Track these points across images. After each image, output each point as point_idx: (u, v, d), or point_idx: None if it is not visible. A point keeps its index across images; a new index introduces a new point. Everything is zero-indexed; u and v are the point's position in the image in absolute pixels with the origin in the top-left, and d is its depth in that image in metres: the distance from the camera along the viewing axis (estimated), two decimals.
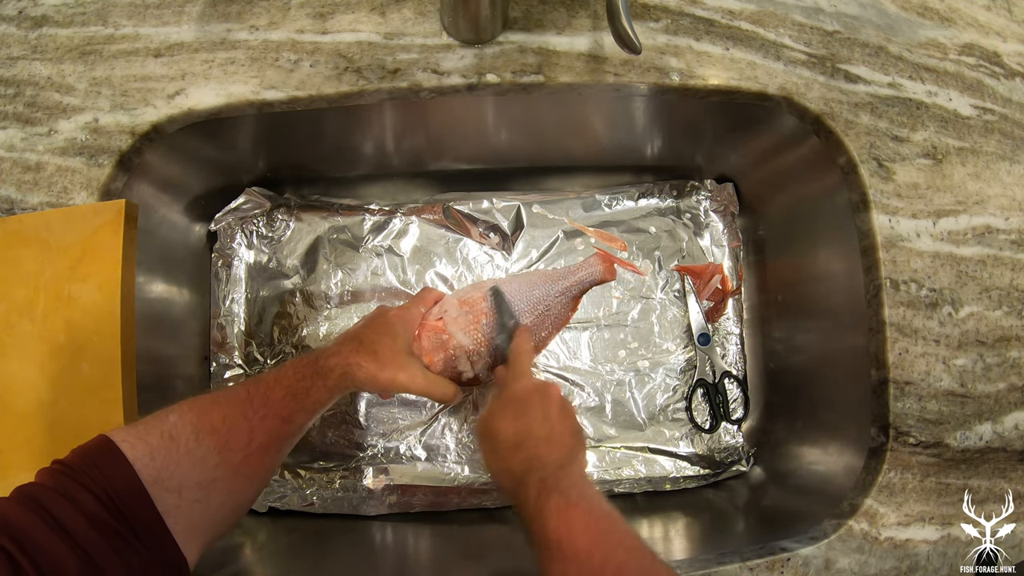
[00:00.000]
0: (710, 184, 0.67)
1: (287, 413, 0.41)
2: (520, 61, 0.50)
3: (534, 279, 0.59)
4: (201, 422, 0.36)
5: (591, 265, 0.60)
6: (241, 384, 0.42)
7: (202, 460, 0.35)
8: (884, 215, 0.50)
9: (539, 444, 0.43)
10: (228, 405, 0.39)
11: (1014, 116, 0.53)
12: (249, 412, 0.39)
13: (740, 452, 0.63)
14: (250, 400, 0.40)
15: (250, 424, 0.38)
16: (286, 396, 0.41)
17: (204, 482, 0.35)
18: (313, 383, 0.43)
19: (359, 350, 0.45)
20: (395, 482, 0.60)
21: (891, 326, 0.49)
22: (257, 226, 0.63)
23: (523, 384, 0.47)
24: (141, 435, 0.34)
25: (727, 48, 0.51)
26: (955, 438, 0.48)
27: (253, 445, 0.38)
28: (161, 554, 0.32)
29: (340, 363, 0.44)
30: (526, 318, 0.56)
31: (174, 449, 0.34)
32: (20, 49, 0.50)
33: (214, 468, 0.36)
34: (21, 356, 0.43)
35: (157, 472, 0.33)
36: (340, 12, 0.50)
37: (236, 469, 0.37)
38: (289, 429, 0.41)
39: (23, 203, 0.47)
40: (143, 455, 0.33)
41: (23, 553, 0.27)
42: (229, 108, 0.49)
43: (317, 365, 0.44)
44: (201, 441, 0.35)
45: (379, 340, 0.47)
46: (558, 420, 0.44)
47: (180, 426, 0.35)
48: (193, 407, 0.37)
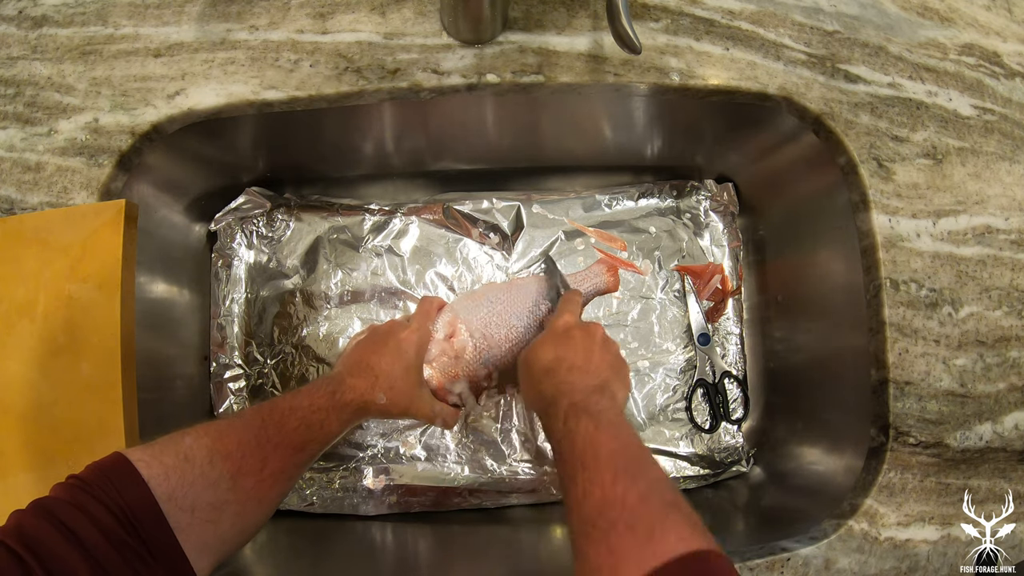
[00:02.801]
0: (710, 184, 0.67)
1: (300, 442, 0.41)
2: (520, 61, 0.50)
3: (537, 291, 0.58)
4: (216, 446, 0.37)
5: (596, 275, 0.60)
6: (255, 409, 0.42)
7: (215, 483, 0.36)
8: (884, 215, 0.50)
9: (572, 370, 0.44)
10: (243, 431, 0.39)
11: (1014, 116, 0.53)
12: (263, 439, 0.39)
13: (740, 452, 0.63)
14: (264, 428, 0.40)
15: (264, 452, 0.39)
16: (300, 426, 0.42)
17: (216, 503, 0.35)
18: (327, 416, 0.43)
19: (375, 387, 0.46)
20: (395, 482, 0.60)
21: (891, 326, 0.49)
22: (257, 226, 0.63)
23: (567, 319, 0.49)
24: (156, 455, 0.34)
25: (727, 48, 0.51)
26: (955, 438, 0.48)
27: (265, 472, 0.38)
28: (173, 569, 0.32)
29: (356, 399, 0.45)
30: (532, 334, 0.56)
31: (188, 470, 0.35)
32: (20, 49, 0.50)
33: (226, 491, 0.36)
34: (21, 356, 0.43)
35: (171, 491, 0.33)
36: (340, 12, 0.50)
37: (248, 494, 0.37)
38: (301, 458, 0.42)
39: (23, 203, 0.47)
40: (158, 474, 0.33)
41: (37, 561, 0.28)
42: (229, 108, 0.49)
43: (334, 399, 0.44)
44: (215, 465, 0.36)
45: (394, 373, 0.48)
46: (598, 352, 0.46)
47: (195, 448, 0.36)
48: (209, 431, 0.37)
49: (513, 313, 0.56)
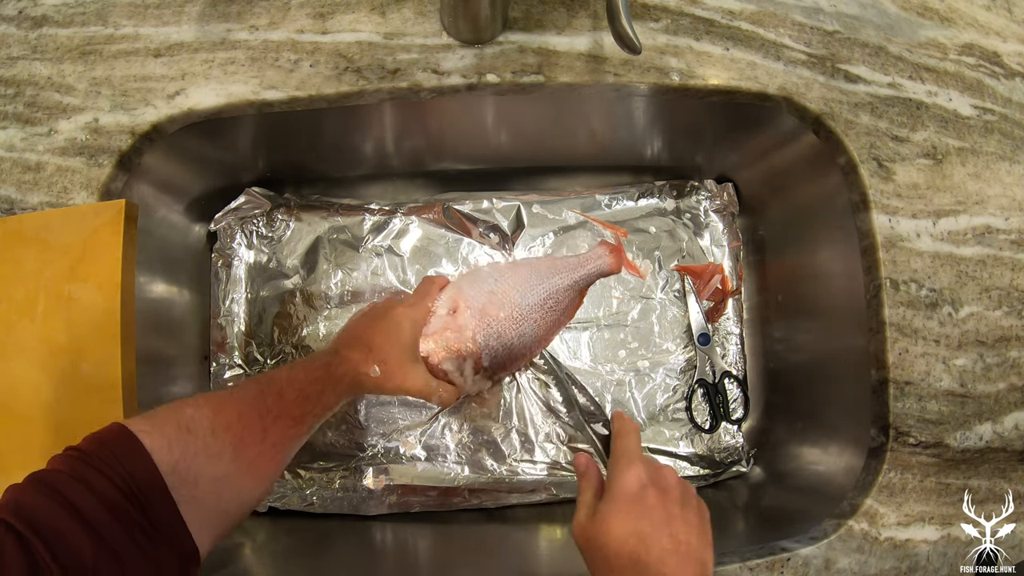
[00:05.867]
0: (710, 184, 0.67)
1: (299, 414, 0.41)
2: (520, 61, 0.50)
3: (542, 270, 0.58)
4: (217, 417, 0.36)
5: (599, 256, 0.60)
6: (252, 381, 0.42)
7: (218, 455, 0.35)
8: (884, 215, 0.50)
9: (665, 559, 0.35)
10: (242, 402, 0.39)
11: (1014, 116, 0.53)
12: (263, 410, 0.39)
13: (740, 452, 0.63)
14: (264, 398, 0.40)
15: (264, 422, 0.39)
16: (298, 397, 0.42)
17: (219, 476, 0.35)
18: (324, 387, 0.43)
19: (368, 359, 0.46)
20: (395, 482, 0.59)
21: (891, 326, 0.49)
22: (257, 226, 0.63)
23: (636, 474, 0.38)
24: (158, 425, 0.34)
25: (727, 48, 0.51)
26: (955, 438, 0.48)
27: (266, 444, 0.38)
28: (175, 542, 0.32)
29: (350, 371, 0.45)
30: (535, 313, 0.56)
31: (191, 442, 0.34)
32: (20, 49, 0.50)
33: (229, 463, 0.36)
34: (21, 356, 0.43)
35: (175, 462, 0.33)
36: (340, 12, 0.50)
37: (248, 466, 0.37)
38: (299, 430, 0.42)
39: (23, 203, 0.47)
40: (161, 446, 0.32)
41: (38, 537, 0.27)
42: (229, 108, 0.49)
43: (329, 371, 0.44)
44: (217, 436, 0.36)
45: (387, 346, 0.47)
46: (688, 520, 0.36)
47: (197, 419, 0.35)
48: (209, 401, 0.37)
49: (517, 291, 0.56)
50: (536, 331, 0.57)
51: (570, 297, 0.59)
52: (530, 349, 0.58)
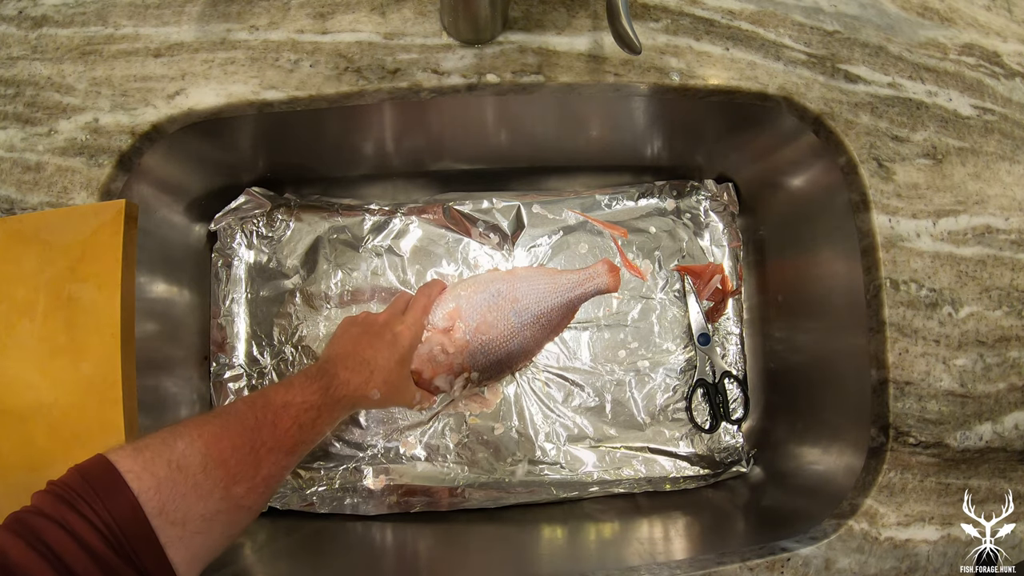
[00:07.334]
0: (710, 184, 0.67)
1: (292, 445, 0.41)
2: (520, 61, 0.50)
3: (540, 288, 0.58)
4: (211, 451, 0.35)
5: (597, 276, 0.60)
6: (248, 404, 0.41)
7: (208, 493, 0.34)
8: (884, 215, 0.50)
9: None
10: (238, 434, 0.38)
11: (1014, 116, 0.53)
12: (258, 443, 0.38)
13: (740, 452, 0.63)
14: (259, 430, 0.39)
15: (257, 456, 0.38)
16: (293, 426, 0.41)
17: (208, 515, 0.34)
18: (320, 414, 0.43)
19: (370, 382, 0.46)
20: (395, 482, 0.60)
21: (891, 326, 0.49)
22: (257, 226, 0.63)
23: None
24: (147, 465, 0.33)
25: (727, 48, 0.51)
26: (955, 438, 0.48)
27: (258, 478, 0.38)
28: None
29: (350, 394, 0.45)
30: (528, 331, 0.57)
31: (181, 481, 0.33)
32: (20, 49, 0.50)
33: (219, 501, 0.35)
34: (21, 356, 0.43)
35: (162, 505, 0.32)
36: (340, 12, 0.50)
37: (239, 501, 0.36)
38: (291, 461, 0.41)
39: (23, 203, 0.47)
40: (149, 487, 0.32)
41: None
42: (229, 108, 0.49)
43: (327, 395, 0.44)
44: (209, 473, 0.35)
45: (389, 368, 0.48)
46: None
47: (189, 455, 0.34)
48: (203, 434, 0.36)
49: (513, 310, 0.56)
50: (525, 346, 0.58)
51: (563, 314, 0.59)
52: (517, 362, 0.59)
